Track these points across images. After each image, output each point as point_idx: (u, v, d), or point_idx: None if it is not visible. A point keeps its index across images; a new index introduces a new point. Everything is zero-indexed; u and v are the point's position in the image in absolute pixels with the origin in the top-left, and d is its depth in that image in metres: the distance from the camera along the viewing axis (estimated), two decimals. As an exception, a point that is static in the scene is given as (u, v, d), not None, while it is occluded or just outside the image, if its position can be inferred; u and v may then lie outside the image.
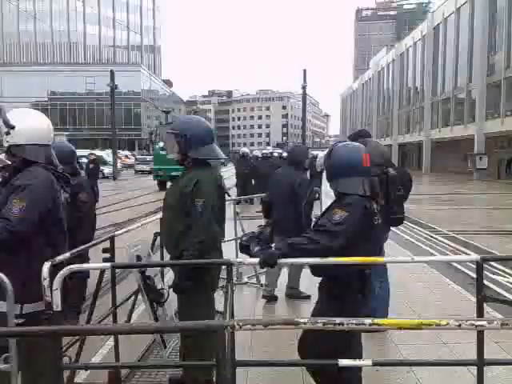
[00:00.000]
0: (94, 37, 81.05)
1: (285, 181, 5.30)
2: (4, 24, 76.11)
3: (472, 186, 25.51)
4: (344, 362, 2.21)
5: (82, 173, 17.46)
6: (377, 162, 3.58)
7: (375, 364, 2.38)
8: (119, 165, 35.18)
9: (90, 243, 3.41)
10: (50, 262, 2.42)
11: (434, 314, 4.80)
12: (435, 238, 9.76)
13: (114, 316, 3.27)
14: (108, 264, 2.91)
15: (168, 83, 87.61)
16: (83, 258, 3.98)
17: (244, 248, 2.80)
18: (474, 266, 2.54)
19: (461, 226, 11.26)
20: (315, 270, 2.68)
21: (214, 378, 2.62)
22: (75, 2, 72.06)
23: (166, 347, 3.53)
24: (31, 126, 2.61)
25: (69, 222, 2.80)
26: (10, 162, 2.68)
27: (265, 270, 5.37)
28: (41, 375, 2.43)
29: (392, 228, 5.16)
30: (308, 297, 5.19)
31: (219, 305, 3.08)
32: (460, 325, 1.61)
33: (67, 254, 2.65)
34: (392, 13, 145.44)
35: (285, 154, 21.11)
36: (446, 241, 9.44)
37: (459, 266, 6.87)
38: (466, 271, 6.62)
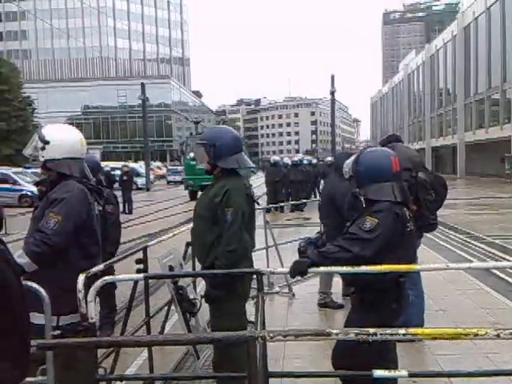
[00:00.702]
0: (125, 51, 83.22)
1: (325, 188, 5.51)
2: (39, 42, 79.04)
3: (510, 189, 24.70)
4: (378, 373, 2.16)
5: (116, 185, 17.59)
6: (404, 166, 3.53)
7: (411, 375, 2.32)
8: (152, 176, 35.78)
9: (125, 254, 3.47)
10: (84, 274, 2.47)
11: (472, 322, 4.64)
12: (472, 244, 9.48)
13: (147, 327, 3.31)
14: (141, 275, 2.95)
15: (197, 94, 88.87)
16: (111, 269, 4.03)
17: (301, 254, 2.78)
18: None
19: (499, 231, 10.91)
20: (350, 280, 2.64)
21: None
22: (106, 18, 74.15)
23: (199, 358, 3.53)
24: (64, 140, 2.68)
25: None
26: (46, 177, 2.77)
27: (298, 278, 5.33)
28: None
29: (427, 234, 5.06)
30: (341, 306, 5.12)
31: (251, 315, 3.07)
32: (499, 335, 1.54)
33: (101, 266, 2.71)
34: (420, 14, 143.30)
35: (314, 161, 21.04)
36: (483, 246, 9.15)
37: (498, 273, 6.64)
38: (506, 278, 6.39)
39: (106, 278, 2.65)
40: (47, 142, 2.63)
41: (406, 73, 62.90)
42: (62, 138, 2.68)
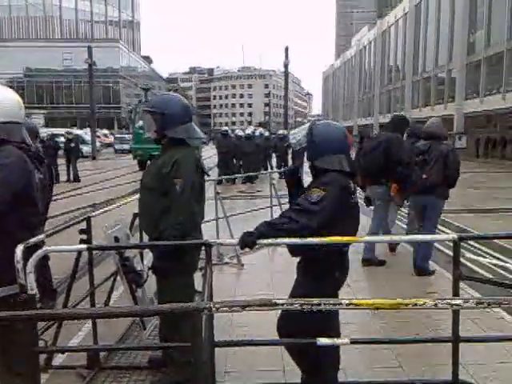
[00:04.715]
0: (71, 11, 78.62)
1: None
2: (-23, -3, 73.39)
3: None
4: (322, 341, 2.22)
5: (60, 152, 16.79)
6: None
7: (353, 342, 2.41)
8: (98, 144, 34.61)
9: (67, 224, 3.34)
10: (23, 245, 2.36)
11: (413, 292, 4.87)
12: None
13: (91, 298, 3.23)
14: (84, 246, 2.86)
15: (147, 60, 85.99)
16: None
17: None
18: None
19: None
20: (293, 250, 2.67)
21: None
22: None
23: (145, 328, 3.51)
24: (1, 102, 2.50)
25: None
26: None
27: (247, 250, 5.36)
28: (16, 359, 2.38)
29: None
30: (382, 263, 5.94)
31: (200, 286, 3.06)
32: (436, 304, 1.61)
33: (42, 236, 2.59)
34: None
35: (267, 134, 20.96)
36: (424, 219, 9.52)
37: (437, 245, 6.97)
38: (445, 250, 6.73)
39: (48, 248, 2.55)
40: (-19, 105, 2.44)
41: (358, 48, 63.60)
42: (-3, 100, 2.49)
